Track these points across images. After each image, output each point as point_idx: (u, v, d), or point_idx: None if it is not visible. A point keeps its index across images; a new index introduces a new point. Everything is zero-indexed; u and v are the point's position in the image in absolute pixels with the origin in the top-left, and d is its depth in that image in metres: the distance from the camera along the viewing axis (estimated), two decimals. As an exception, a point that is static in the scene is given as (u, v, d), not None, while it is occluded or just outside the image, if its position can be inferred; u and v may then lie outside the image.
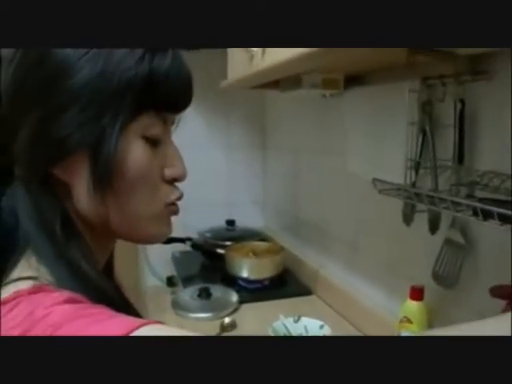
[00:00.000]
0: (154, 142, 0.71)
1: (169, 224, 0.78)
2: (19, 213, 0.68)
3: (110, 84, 0.64)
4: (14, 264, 0.67)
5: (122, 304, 0.71)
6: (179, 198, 0.77)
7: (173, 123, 0.77)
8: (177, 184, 0.76)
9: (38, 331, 0.54)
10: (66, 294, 0.60)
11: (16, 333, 0.55)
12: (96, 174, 0.66)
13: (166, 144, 0.74)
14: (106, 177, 0.66)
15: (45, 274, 0.64)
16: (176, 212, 0.78)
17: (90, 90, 0.64)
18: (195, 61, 0.73)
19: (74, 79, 0.63)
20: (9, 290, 0.62)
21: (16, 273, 0.65)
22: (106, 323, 0.56)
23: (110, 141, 0.65)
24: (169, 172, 0.74)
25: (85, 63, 0.63)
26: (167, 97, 0.70)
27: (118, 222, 0.71)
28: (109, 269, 0.86)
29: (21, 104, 0.66)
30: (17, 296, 0.60)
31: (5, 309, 0.59)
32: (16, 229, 0.68)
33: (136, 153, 0.68)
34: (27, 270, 0.65)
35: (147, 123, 0.69)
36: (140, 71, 0.65)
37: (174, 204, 0.76)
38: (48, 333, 0.54)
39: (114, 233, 0.74)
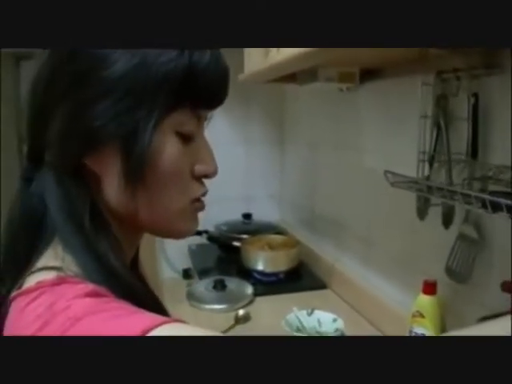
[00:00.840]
0: (186, 138, 0.70)
1: (196, 220, 0.77)
2: (47, 201, 0.67)
3: (148, 76, 0.64)
4: (41, 252, 0.67)
5: (148, 298, 0.71)
6: (204, 194, 0.77)
7: (205, 119, 0.77)
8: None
9: (58, 323, 0.54)
10: (89, 286, 0.60)
11: (36, 324, 0.55)
12: (128, 166, 0.66)
13: (198, 140, 0.74)
14: (138, 170, 0.66)
15: (70, 265, 0.63)
16: (202, 208, 0.77)
17: (127, 81, 0.63)
18: None
19: (110, 70, 0.63)
20: (33, 280, 0.62)
21: (42, 262, 0.65)
22: (126, 319, 0.55)
23: (144, 134, 0.65)
24: (199, 169, 0.74)
25: (121, 55, 0.63)
26: (204, 92, 0.69)
27: (146, 215, 0.71)
28: (135, 262, 0.85)
29: (54, 93, 0.65)
30: (40, 287, 0.60)
31: (27, 299, 0.59)
32: (44, 216, 0.68)
33: (169, 148, 0.68)
34: (53, 259, 0.65)
35: (182, 119, 0.69)
36: (180, 65, 0.65)
37: (199, 200, 0.76)
38: (67, 325, 0.53)
39: (141, 226, 0.74)
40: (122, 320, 0.55)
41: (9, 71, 3.49)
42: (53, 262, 0.64)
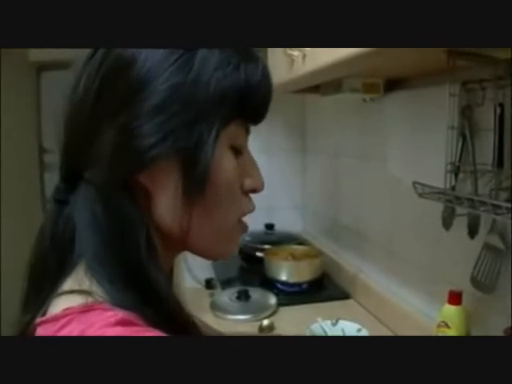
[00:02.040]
0: (238, 152, 0.70)
1: (237, 240, 0.76)
2: (81, 221, 0.64)
3: (206, 91, 0.63)
4: (67, 275, 0.64)
5: (185, 319, 0.68)
6: (253, 210, 0.76)
7: (249, 133, 0.76)
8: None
9: None
10: (119, 314, 0.57)
11: None
12: (189, 182, 0.64)
13: (246, 154, 0.73)
14: (199, 185, 0.64)
15: (97, 289, 0.61)
16: (246, 228, 0.77)
17: (183, 96, 0.62)
18: None
19: (164, 85, 0.61)
20: (58, 305, 0.60)
21: (67, 285, 0.63)
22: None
23: (205, 148, 0.63)
24: (248, 183, 0.73)
25: (176, 69, 0.62)
26: (255, 107, 0.70)
27: (198, 233, 0.69)
28: (169, 279, 0.83)
29: (104, 109, 0.63)
30: (67, 314, 0.58)
31: (55, 327, 0.57)
32: (73, 239, 0.65)
33: (226, 162, 0.67)
34: (78, 283, 0.62)
35: (235, 133, 0.69)
36: (236, 80, 0.65)
37: (244, 216, 0.75)
38: None
39: (187, 246, 0.72)
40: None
41: (31, 81, 3.54)
42: (78, 285, 0.62)
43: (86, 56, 0.64)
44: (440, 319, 1.26)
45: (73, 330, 0.55)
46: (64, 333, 0.56)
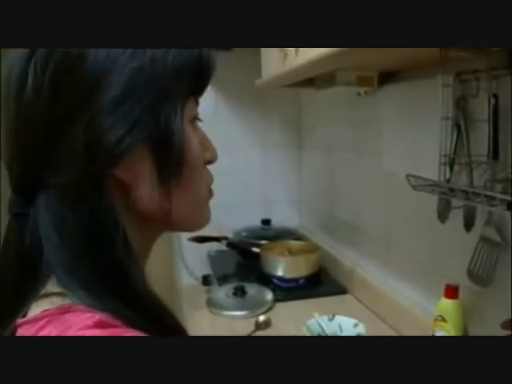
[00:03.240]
0: (195, 126, 0.71)
1: (209, 207, 0.77)
2: (47, 232, 0.60)
3: (164, 69, 0.62)
4: (42, 283, 0.61)
5: (167, 316, 0.68)
6: (213, 180, 0.77)
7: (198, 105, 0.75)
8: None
9: None
10: (97, 316, 0.55)
11: None
12: (164, 165, 0.64)
13: (198, 126, 0.73)
14: (176, 166, 0.65)
15: (77, 292, 0.59)
16: (212, 194, 0.77)
17: (142, 80, 0.61)
18: (230, 61, 0.73)
19: (122, 72, 0.59)
20: (38, 306, 0.59)
21: (46, 289, 0.60)
22: None
23: (176, 128, 0.64)
24: (208, 155, 0.74)
25: (129, 55, 0.60)
26: (206, 80, 0.70)
27: (179, 211, 0.69)
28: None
29: (62, 109, 0.59)
30: (46, 315, 0.56)
31: (33, 328, 0.56)
32: (41, 253, 0.60)
33: (193, 138, 0.68)
34: (56, 287, 0.60)
35: (192, 107, 0.69)
36: (191, 54, 0.65)
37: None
38: None
39: (170, 225, 0.72)
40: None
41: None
42: (56, 288, 0.59)
43: (23, 59, 0.60)
44: (437, 313, 1.25)
45: (51, 331, 0.54)
46: (43, 334, 0.55)
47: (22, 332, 0.57)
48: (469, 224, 1.21)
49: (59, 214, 0.60)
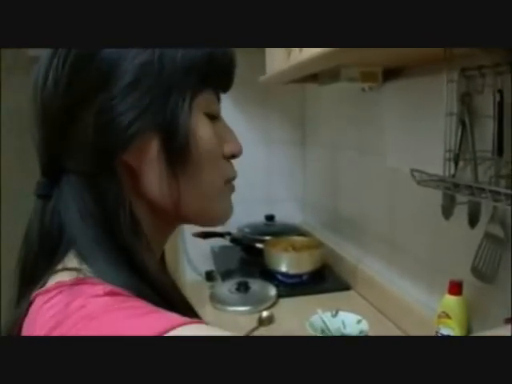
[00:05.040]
0: (213, 118, 0.72)
1: (231, 203, 0.79)
2: (69, 211, 0.66)
3: (173, 63, 0.65)
4: (59, 262, 0.66)
5: (178, 298, 0.71)
6: (235, 177, 0.78)
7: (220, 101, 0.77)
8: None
9: (70, 323, 0.54)
10: (109, 286, 0.59)
11: (50, 324, 0.55)
12: (171, 153, 0.66)
13: (221, 120, 0.75)
14: (181, 156, 0.67)
15: (94, 265, 0.63)
16: (234, 189, 0.79)
17: (153, 73, 0.64)
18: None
19: (133, 63, 0.63)
20: (53, 279, 0.62)
21: (62, 265, 0.65)
22: (144, 319, 0.54)
23: (182, 118, 0.66)
24: (228, 148, 0.75)
25: (141, 50, 0.64)
26: (223, 74, 0.72)
27: (189, 202, 0.71)
28: (162, 261, 0.86)
29: (77, 97, 0.64)
30: (58, 286, 0.60)
31: (45, 297, 0.59)
32: (63, 231, 0.66)
33: (204, 129, 0.69)
34: (70, 263, 0.64)
35: (208, 100, 0.71)
36: (200, 52, 0.67)
37: (230, 181, 0.78)
38: (79, 325, 0.53)
39: (182, 216, 0.74)
40: (139, 319, 0.54)
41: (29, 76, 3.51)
42: (72, 264, 0.64)
43: (51, 52, 0.65)
44: (441, 309, 1.25)
45: (61, 300, 0.57)
46: (52, 303, 0.58)
47: (37, 302, 0.60)
48: (473, 220, 1.21)
49: (79, 195, 0.66)
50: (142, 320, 0.54)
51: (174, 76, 0.65)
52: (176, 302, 0.67)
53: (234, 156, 0.77)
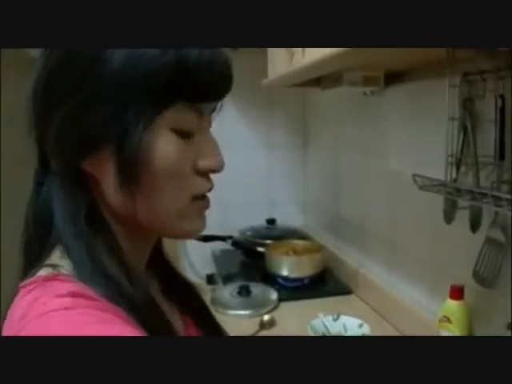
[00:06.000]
0: (185, 135, 0.68)
1: (201, 218, 0.75)
2: (54, 205, 0.69)
3: (135, 76, 0.62)
4: (49, 253, 0.68)
5: (149, 309, 0.68)
6: (209, 190, 0.74)
7: (213, 110, 0.74)
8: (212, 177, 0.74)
9: (29, 318, 0.56)
10: (77, 286, 0.61)
11: (17, 316, 0.57)
12: (122, 168, 0.65)
13: (201, 134, 0.71)
14: (131, 172, 0.65)
15: (67, 265, 0.65)
16: (206, 205, 0.75)
17: (115, 84, 0.62)
18: (235, 61, 0.72)
19: (101, 72, 0.62)
20: (37, 274, 0.64)
21: (48, 260, 0.67)
22: (87, 328, 0.55)
23: (134, 135, 0.63)
24: (202, 163, 0.71)
25: (112, 55, 0.62)
26: (198, 87, 0.66)
27: (146, 216, 0.69)
28: (162, 265, 0.88)
29: (52, 98, 0.65)
30: (35, 281, 0.62)
31: (22, 292, 0.62)
32: (52, 220, 0.69)
33: (163, 147, 0.66)
34: (56, 258, 0.66)
35: (178, 116, 0.66)
36: (166, 61, 0.62)
37: (203, 197, 0.74)
38: (33, 322, 0.55)
39: (144, 228, 0.72)
40: (80, 327, 0.55)
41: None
42: (55, 260, 0.66)
43: (40, 52, 0.67)
44: (442, 314, 1.25)
45: (35, 295, 0.60)
46: (26, 298, 0.60)
47: (20, 293, 0.63)
48: (475, 225, 1.21)
49: (55, 190, 0.69)
50: (82, 328, 0.55)
51: (132, 91, 0.63)
52: (145, 314, 0.65)
53: (213, 171, 0.73)
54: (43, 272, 0.64)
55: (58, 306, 0.56)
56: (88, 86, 0.63)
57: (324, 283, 2.15)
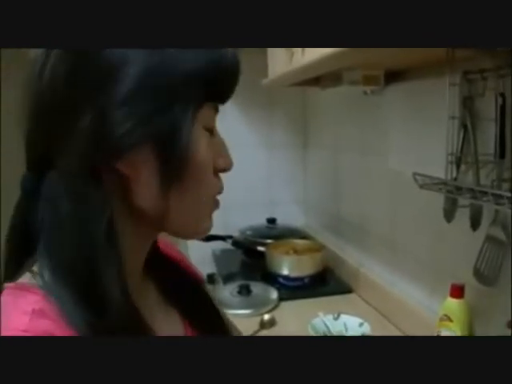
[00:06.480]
0: (210, 132, 0.70)
1: (211, 219, 0.76)
2: (46, 209, 0.63)
3: (179, 72, 0.62)
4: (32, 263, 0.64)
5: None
6: (222, 190, 0.75)
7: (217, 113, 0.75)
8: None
9: None
10: (40, 304, 0.58)
11: None
12: (167, 166, 0.64)
13: (216, 134, 0.73)
14: (178, 170, 0.65)
15: (46, 272, 0.61)
16: (218, 206, 0.76)
17: (155, 81, 0.61)
18: None
19: (136, 69, 0.60)
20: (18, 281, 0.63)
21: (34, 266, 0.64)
22: None
23: (184, 132, 0.63)
24: (220, 162, 0.72)
25: (146, 55, 0.61)
26: (225, 87, 0.70)
27: (176, 215, 0.69)
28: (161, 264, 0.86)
29: (77, 96, 0.61)
30: (9, 287, 0.61)
31: (2, 295, 0.60)
32: (36, 231, 0.64)
33: (203, 144, 0.67)
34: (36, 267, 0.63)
35: (208, 114, 0.68)
36: (209, 62, 0.64)
37: (215, 197, 0.75)
38: None
39: (165, 227, 0.72)
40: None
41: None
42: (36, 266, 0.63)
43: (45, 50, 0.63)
44: (442, 312, 1.25)
45: (4, 302, 0.59)
46: (1, 301, 0.59)
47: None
48: (475, 223, 1.21)
49: (57, 194, 0.62)
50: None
51: (178, 86, 0.63)
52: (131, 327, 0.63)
53: (224, 170, 0.74)
54: (23, 278, 0.63)
55: (17, 325, 0.55)
56: (122, 83, 0.60)
57: (324, 282, 2.15)
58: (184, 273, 0.92)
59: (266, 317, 1.76)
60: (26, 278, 0.62)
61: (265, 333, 1.68)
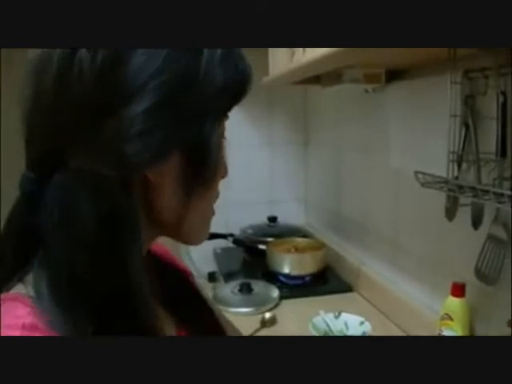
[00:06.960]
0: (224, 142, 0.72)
1: (209, 226, 0.77)
2: (53, 210, 0.58)
3: (210, 86, 0.63)
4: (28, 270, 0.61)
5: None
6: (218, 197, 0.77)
7: None
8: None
9: None
10: (30, 318, 0.55)
11: None
12: (194, 174, 0.65)
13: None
14: (203, 178, 0.67)
15: (41, 284, 0.58)
16: (214, 213, 0.77)
17: (186, 90, 0.61)
18: None
19: (167, 75, 0.59)
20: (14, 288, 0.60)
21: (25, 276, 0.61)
22: None
23: (213, 142, 0.65)
24: (224, 169, 0.75)
25: (178, 63, 0.60)
26: (243, 97, 0.71)
27: (190, 222, 0.70)
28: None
29: (105, 101, 0.58)
30: (3, 298, 0.58)
31: None
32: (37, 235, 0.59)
33: (223, 153, 0.70)
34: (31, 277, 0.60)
35: (224, 123, 0.70)
36: (236, 74, 0.66)
37: None
38: None
39: (175, 233, 0.72)
40: None
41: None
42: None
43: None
44: (443, 311, 1.25)
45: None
46: None
47: None
48: (476, 222, 1.21)
49: (72, 194, 0.58)
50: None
51: (210, 99, 0.64)
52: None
53: (223, 178, 0.75)
54: (17, 288, 0.60)
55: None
56: (159, 89, 0.59)
57: (325, 281, 2.15)
58: (171, 267, 0.93)
59: (267, 315, 1.76)
60: (18, 289, 0.60)
61: (265, 331, 1.68)
